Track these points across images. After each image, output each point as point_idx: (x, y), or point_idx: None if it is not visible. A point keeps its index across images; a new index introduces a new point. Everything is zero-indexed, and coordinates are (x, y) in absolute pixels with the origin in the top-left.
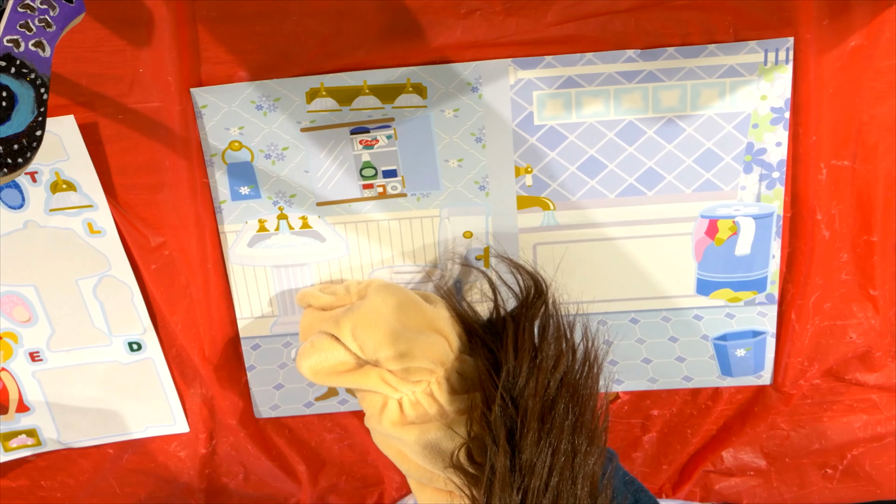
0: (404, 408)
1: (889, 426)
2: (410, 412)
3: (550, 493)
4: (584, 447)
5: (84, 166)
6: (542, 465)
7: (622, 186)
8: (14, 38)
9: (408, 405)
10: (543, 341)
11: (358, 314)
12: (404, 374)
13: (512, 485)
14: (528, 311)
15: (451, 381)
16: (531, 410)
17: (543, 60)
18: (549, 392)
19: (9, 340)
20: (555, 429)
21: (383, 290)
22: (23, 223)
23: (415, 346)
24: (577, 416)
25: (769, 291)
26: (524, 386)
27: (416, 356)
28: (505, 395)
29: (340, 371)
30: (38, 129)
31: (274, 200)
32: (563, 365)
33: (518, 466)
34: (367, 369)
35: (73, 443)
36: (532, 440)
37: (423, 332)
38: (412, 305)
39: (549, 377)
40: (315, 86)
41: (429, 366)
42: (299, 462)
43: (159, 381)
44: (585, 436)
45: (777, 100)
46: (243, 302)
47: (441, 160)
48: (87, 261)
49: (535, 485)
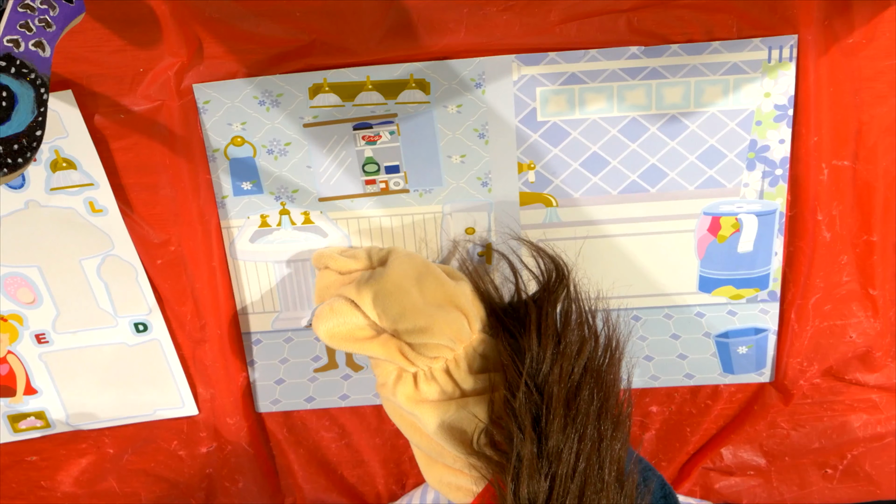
0: (419, 382)
1: (889, 426)
2: (425, 387)
3: (578, 479)
4: (609, 432)
5: (83, 143)
6: (568, 451)
7: (625, 183)
8: (14, 38)
9: (423, 380)
10: (567, 327)
11: (380, 283)
12: (422, 348)
13: (539, 471)
14: (550, 296)
15: (469, 359)
16: (556, 396)
17: (547, 57)
18: (573, 378)
19: (14, 322)
20: (580, 415)
21: (406, 261)
22: (24, 203)
23: (434, 321)
24: (601, 402)
25: (771, 289)
26: (548, 372)
27: (436, 332)
28: (529, 381)
29: (358, 338)
30: (38, 129)
31: (276, 196)
32: (586, 351)
33: (545, 453)
34: (386, 339)
35: (83, 425)
36: (558, 426)
37: (444, 308)
38: (434, 279)
39: (573, 363)
40: (318, 81)
41: (447, 343)
42: (298, 461)
43: (167, 364)
44: (611, 421)
45: (780, 97)
46: (245, 297)
47: (444, 156)
48: (90, 240)
49: (563, 471)
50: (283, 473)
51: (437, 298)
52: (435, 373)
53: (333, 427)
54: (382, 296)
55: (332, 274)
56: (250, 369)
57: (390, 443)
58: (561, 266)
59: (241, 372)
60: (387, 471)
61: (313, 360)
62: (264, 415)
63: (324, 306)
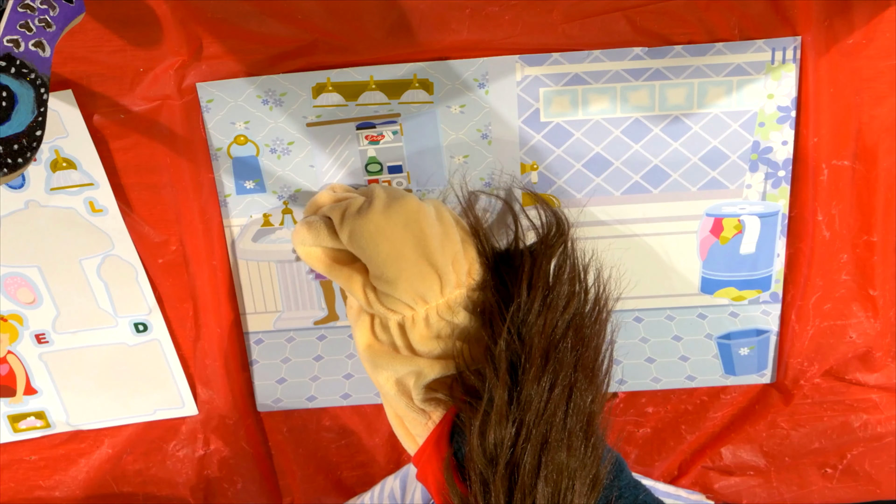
0: (374, 327)
1: (889, 426)
2: (380, 334)
3: (543, 425)
4: (582, 385)
5: (84, 143)
6: (538, 399)
7: (628, 184)
8: (14, 38)
9: (378, 326)
10: (558, 281)
11: (360, 222)
12: (383, 297)
13: (508, 416)
14: (546, 249)
15: (428, 322)
16: (536, 346)
17: (550, 57)
18: (556, 331)
19: (14, 322)
20: (555, 365)
21: (394, 201)
22: (24, 203)
23: (403, 275)
24: (578, 355)
25: (773, 290)
26: (533, 323)
27: (400, 287)
28: (512, 328)
29: (328, 262)
30: (38, 129)
31: (279, 195)
32: (573, 306)
33: (516, 400)
34: (352, 273)
35: (83, 425)
36: (533, 375)
37: (418, 264)
38: (417, 231)
39: (558, 317)
40: (321, 81)
41: (409, 300)
42: (297, 462)
43: (167, 364)
44: (584, 374)
45: (784, 98)
46: (247, 297)
47: (447, 156)
48: (90, 240)
49: (530, 418)
50: (282, 474)
51: (415, 253)
52: (389, 323)
53: (333, 427)
54: (359, 235)
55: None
56: (252, 368)
57: (390, 443)
58: (561, 220)
59: (241, 372)
60: (386, 472)
61: (315, 352)
62: (264, 415)
63: (303, 222)
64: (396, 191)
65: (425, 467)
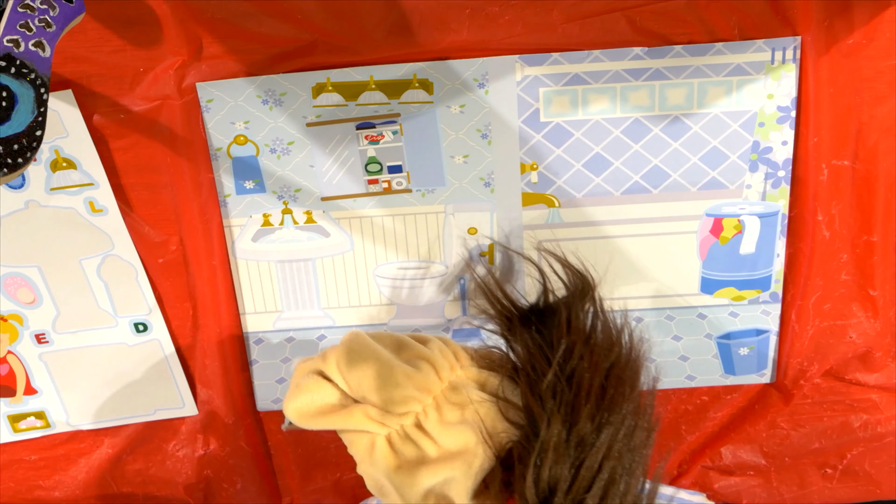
0: (394, 444)
1: (889, 426)
2: (402, 448)
3: (606, 470)
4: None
5: (83, 143)
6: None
7: (627, 184)
8: (14, 38)
9: (398, 441)
10: (594, 327)
11: (344, 345)
12: (388, 405)
13: (566, 455)
14: (578, 300)
15: (441, 411)
16: (586, 384)
17: (550, 57)
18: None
19: (14, 322)
20: (612, 405)
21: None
22: (24, 203)
23: (399, 373)
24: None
25: (773, 290)
26: (578, 362)
27: (403, 386)
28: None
29: (326, 412)
30: (38, 129)
31: (279, 195)
32: (616, 349)
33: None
34: (352, 408)
35: (83, 425)
36: (587, 414)
37: (410, 361)
38: (395, 339)
39: (602, 357)
40: (321, 80)
41: (414, 394)
42: (296, 462)
43: (167, 364)
44: (644, 417)
45: (784, 99)
46: (247, 297)
47: (447, 156)
48: (90, 240)
49: (591, 462)
50: (282, 474)
51: (404, 354)
52: (407, 429)
53: None
54: (346, 355)
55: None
56: (251, 368)
57: None
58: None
59: (240, 372)
60: None
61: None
62: (263, 415)
63: (290, 385)
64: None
65: None
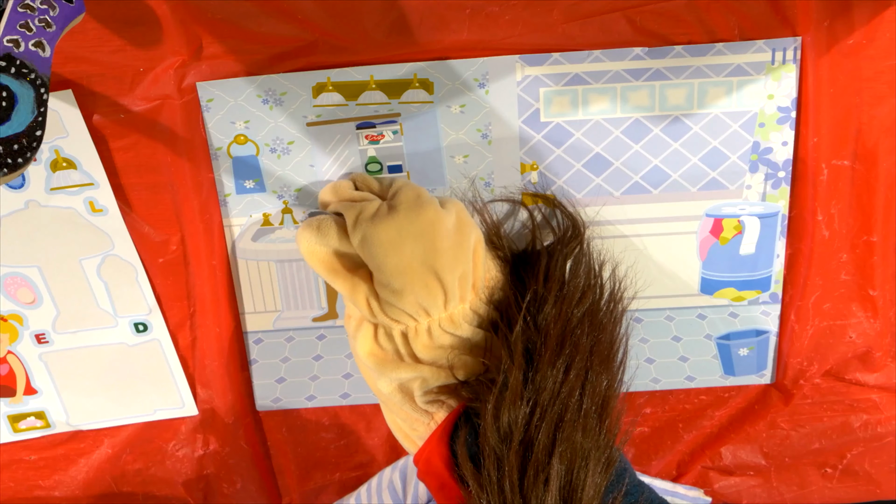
0: (378, 336)
1: (889, 426)
2: (383, 342)
3: (558, 406)
4: (597, 369)
5: (84, 142)
6: (553, 381)
7: (628, 184)
8: (14, 38)
9: (382, 335)
10: (573, 275)
11: (373, 230)
12: (387, 306)
13: (522, 397)
14: (563, 247)
15: (433, 334)
16: (552, 334)
17: (551, 57)
18: (571, 319)
19: (14, 322)
20: (570, 349)
21: (412, 211)
22: (24, 203)
23: (408, 287)
24: (594, 342)
25: (773, 291)
26: (549, 311)
27: (405, 298)
28: (528, 316)
29: (334, 267)
30: (38, 129)
31: (279, 195)
32: (588, 298)
33: (531, 381)
34: (358, 281)
35: (83, 425)
36: (548, 359)
37: (424, 278)
38: (429, 245)
39: (573, 307)
40: (321, 80)
41: (412, 312)
42: (296, 461)
43: (167, 364)
44: (599, 359)
45: (784, 99)
46: (247, 297)
47: (447, 156)
48: (90, 240)
49: (544, 398)
50: (281, 473)
51: (425, 265)
52: (393, 332)
53: (333, 427)
54: (370, 242)
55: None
56: (251, 368)
57: (389, 443)
58: (577, 221)
59: (240, 372)
60: None
61: (314, 352)
62: (263, 415)
63: (313, 220)
64: (419, 198)
65: (427, 464)
